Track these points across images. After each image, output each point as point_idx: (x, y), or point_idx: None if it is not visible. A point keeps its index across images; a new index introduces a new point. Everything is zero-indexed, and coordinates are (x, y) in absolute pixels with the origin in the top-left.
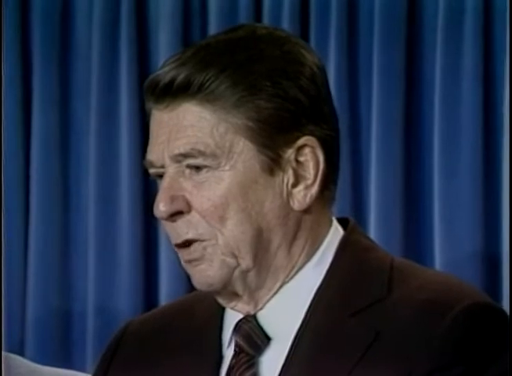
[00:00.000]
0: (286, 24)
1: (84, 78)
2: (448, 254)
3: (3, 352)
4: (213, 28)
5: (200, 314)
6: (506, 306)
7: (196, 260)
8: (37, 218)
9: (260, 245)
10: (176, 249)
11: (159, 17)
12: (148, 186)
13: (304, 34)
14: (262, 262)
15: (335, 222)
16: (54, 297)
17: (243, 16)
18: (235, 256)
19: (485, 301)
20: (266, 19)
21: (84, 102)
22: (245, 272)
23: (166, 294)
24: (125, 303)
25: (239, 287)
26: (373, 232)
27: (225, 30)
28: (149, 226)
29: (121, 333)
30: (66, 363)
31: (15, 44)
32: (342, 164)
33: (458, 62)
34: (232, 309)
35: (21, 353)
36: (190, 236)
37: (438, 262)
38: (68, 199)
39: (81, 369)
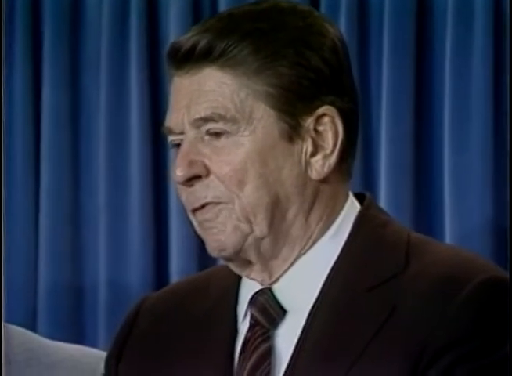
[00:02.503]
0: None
1: (94, 53)
2: (458, 227)
3: (14, 327)
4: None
5: (214, 289)
6: None
7: (208, 221)
8: (48, 192)
9: (276, 213)
10: (191, 215)
11: None
12: (159, 161)
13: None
14: (278, 231)
15: (351, 196)
16: (65, 270)
17: None
18: (249, 222)
19: (502, 276)
20: None
21: (94, 77)
22: (259, 240)
23: (176, 268)
24: (136, 277)
25: (252, 255)
26: (383, 206)
27: (247, 3)
28: (159, 200)
29: (137, 308)
30: (78, 335)
31: (25, 19)
32: None
33: (468, 39)
34: (246, 277)
35: (33, 326)
36: (209, 199)
37: (448, 236)
38: (78, 174)
39: (93, 341)
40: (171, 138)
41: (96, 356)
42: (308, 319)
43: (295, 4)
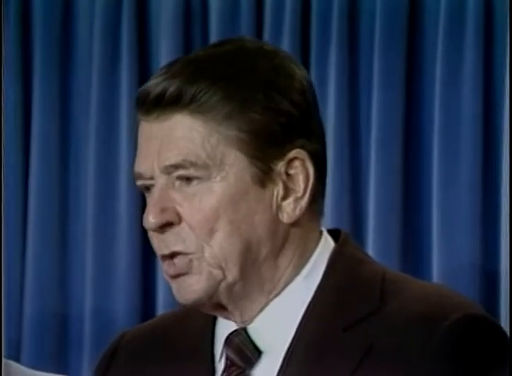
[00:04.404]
0: (287, 34)
1: (84, 84)
2: (446, 264)
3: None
4: (214, 34)
5: (192, 327)
6: (504, 316)
7: (183, 274)
8: (36, 221)
9: (247, 258)
10: (162, 261)
11: (160, 23)
12: None
13: (305, 46)
14: (249, 274)
15: (325, 234)
16: (51, 300)
17: (245, 22)
18: (221, 268)
19: (479, 313)
20: (267, 27)
21: (84, 108)
22: (231, 285)
23: (163, 297)
24: (123, 306)
25: (223, 299)
26: (371, 242)
27: (212, 44)
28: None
29: (115, 344)
30: (63, 366)
31: (15, 48)
32: (342, 174)
33: (458, 74)
34: (218, 316)
35: (18, 356)
36: (178, 248)
37: (436, 272)
38: (66, 202)
39: (78, 371)
40: (139, 183)
41: None
42: (284, 360)
43: (261, 44)
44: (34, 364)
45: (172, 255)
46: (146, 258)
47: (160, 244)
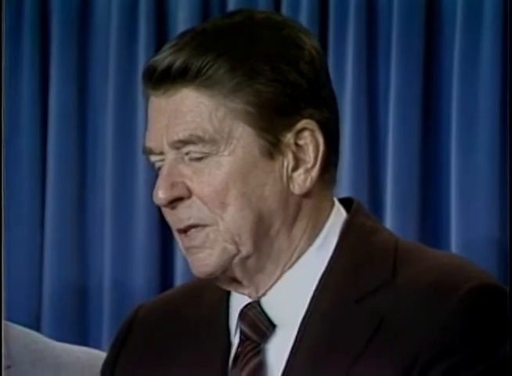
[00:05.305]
0: (305, 8)
1: (102, 53)
2: (464, 235)
3: (19, 327)
4: (232, 4)
5: (207, 300)
6: None
7: (196, 247)
8: (54, 192)
9: (260, 230)
10: (177, 235)
11: None
12: None
13: (323, 17)
14: (262, 248)
15: (337, 204)
16: (71, 272)
17: None
18: (235, 242)
19: (492, 283)
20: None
21: (103, 77)
22: (245, 259)
23: (181, 269)
24: (141, 278)
25: (238, 273)
26: (389, 212)
27: (222, 15)
28: None
29: (132, 318)
30: (83, 336)
31: (33, 17)
32: (360, 145)
33: (477, 42)
34: (234, 291)
35: (38, 327)
36: (192, 221)
37: (454, 243)
38: (85, 174)
39: (97, 342)
40: (152, 159)
41: (103, 358)
42: (298, 333)
43: (269, 14)
44: (53, 334)
45: (187, 229)
46: (165, 230)
47: (174, 219)
